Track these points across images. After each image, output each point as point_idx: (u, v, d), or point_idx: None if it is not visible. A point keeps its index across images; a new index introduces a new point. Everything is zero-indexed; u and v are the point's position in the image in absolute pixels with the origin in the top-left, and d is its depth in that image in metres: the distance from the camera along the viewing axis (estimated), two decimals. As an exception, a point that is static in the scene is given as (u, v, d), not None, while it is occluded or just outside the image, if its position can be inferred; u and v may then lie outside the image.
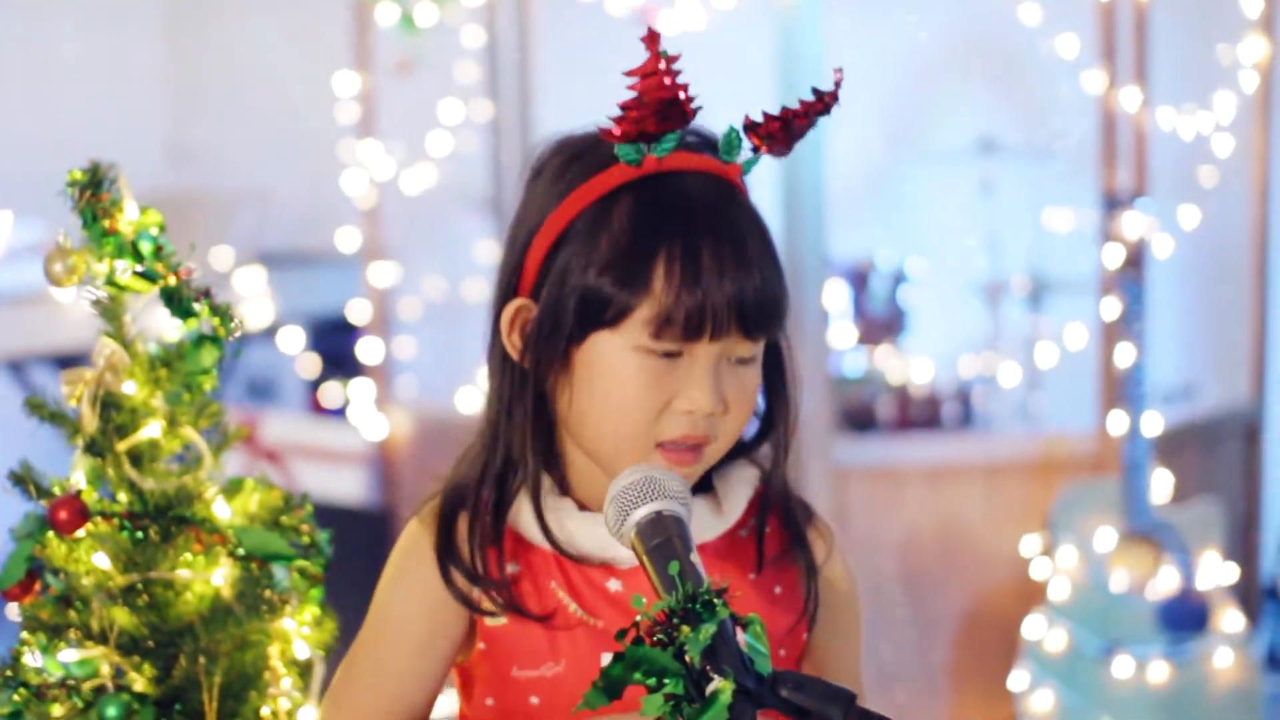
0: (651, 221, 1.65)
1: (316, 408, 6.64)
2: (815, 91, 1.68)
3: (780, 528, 1.80)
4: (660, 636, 1.41)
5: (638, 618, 1.42)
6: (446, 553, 1.74)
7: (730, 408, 1.69)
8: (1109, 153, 4.87)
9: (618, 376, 1.67)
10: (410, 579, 1.77)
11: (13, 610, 1.98)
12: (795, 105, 1.68)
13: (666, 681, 1.39)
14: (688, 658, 1.39)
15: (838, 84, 1.68)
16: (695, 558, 1.52)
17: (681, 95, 1.64)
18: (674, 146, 1.67)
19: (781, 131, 1.68)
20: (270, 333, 6.38)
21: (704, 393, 1.66)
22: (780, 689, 1.42)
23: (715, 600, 1.42)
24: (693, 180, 1.68)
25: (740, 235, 1.66)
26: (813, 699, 1.42)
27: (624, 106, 1.64)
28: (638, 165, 1.67)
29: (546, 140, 1.78)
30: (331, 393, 6.48)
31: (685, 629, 1.40)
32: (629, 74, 1.62)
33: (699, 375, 1.66)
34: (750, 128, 1.69)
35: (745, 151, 1.71)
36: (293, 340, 6.34)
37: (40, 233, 5.97)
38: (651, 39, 1.60)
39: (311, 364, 6.69)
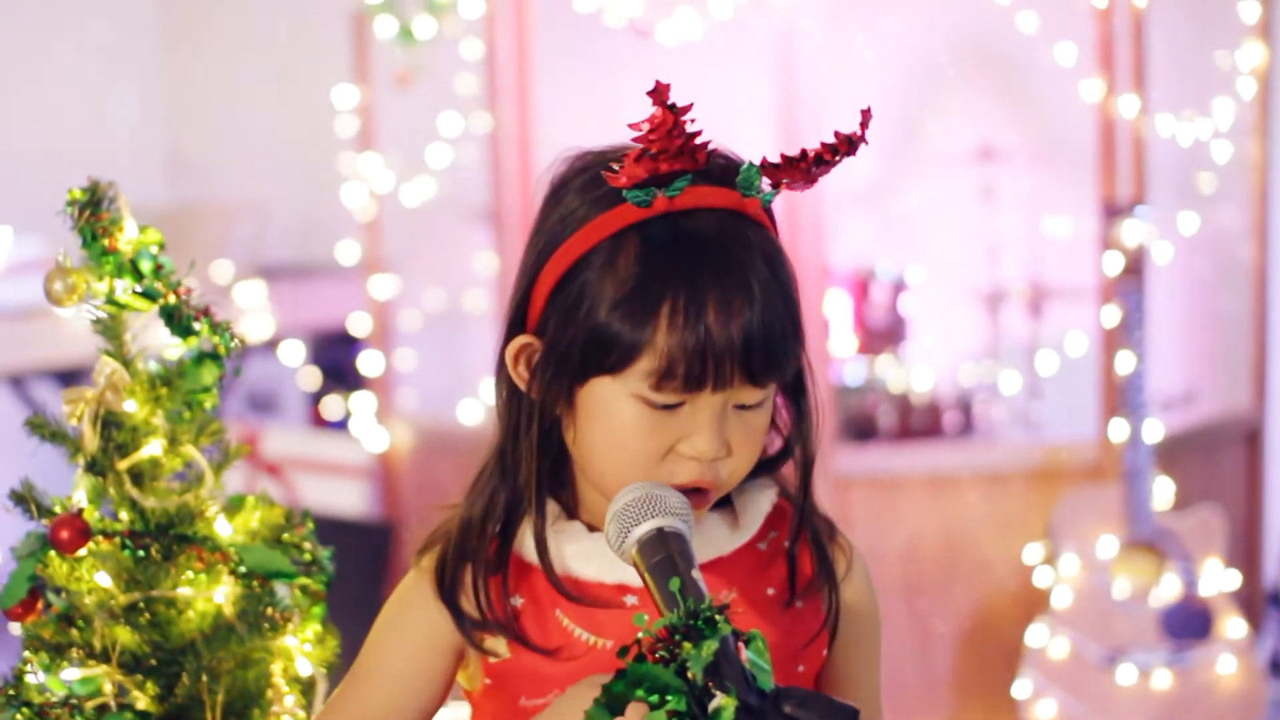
0: (657, 268, 1.61)
1: (317, 420, 6.64)
2: (838, 135, 1.63)
3: (806, 547, 1.78)
4: (662, 653, 1.41)
5: (639, 634, 1.42)
6: (454, 597, 1.73)
7: (735, 450, 1.67)
8: (1108, 160, 4.87)
9: (618, 424, 1.64)
10: (405, 626, 1.76)
11: (16, 629, 1.98)
12: (816, 145, 1.63)
13: (669, 699, 1.39)
14: (690, 674, 1.39)
15: (864, 125, 1.63)
16: (697, 574, 1.51)
17: (692, 145, 1.60)
18: (687, 185, 1.63)
19: (801, 172, 1.64)
20: (271, 346, 6.38)
21: (708, 440, 1.63)
22: (783, 705, 1.42)
23: (717, 617, 1.42)
24: (704, 219, 1.63)
25: (747, 279, 1.61)
26: (816, 715, 1.42)
27: (628, 158, 1.60)
28: (648, 207, 1.63)
29: (565, 155, 1.74)
30: (332, 405, 6.48)
31: (687, 646, 1.40)
32: (633, 127, 1.59)
33: (702, 423, 1.63)
34: (768, 168, 1.65)
35: (764, 185, 1.67)
36: (293, 353, 6.34)
37: (40, 248, 5.97)
38: (659, 93, 1.56)
39: (312, 377, 6.69)
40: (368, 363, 5.69)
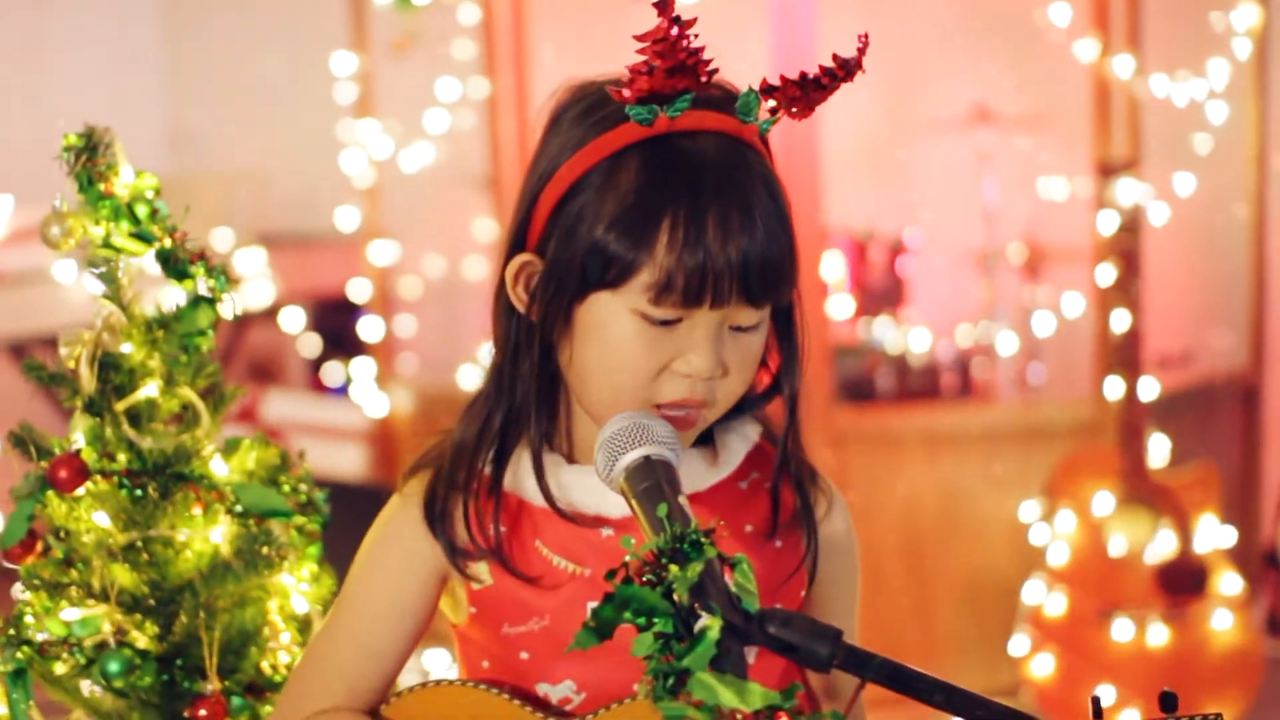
0: (659, 185, 1.63)
1: (318, 386, 6.67)
2: (836, 58, 1.65)
3: (789, 488, 1.81)
4: (649, 577, 1.43)
5: (626, 558, 1.44)
6: (439, 523, 1.75)
7: (730, 372, 1.68)
8: (1103, 120, 4.88)
9: (615, 338, 1.66)
10: (389, 553, 1.79)
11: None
12: (816, 70, 1.65)
13: (656, 621, 1.41)
14: (676, 596, 1.41)
15: (861, 51, 1.65)
16: (683, 500, 1.53)
17: (695, 60, 1.61)
18: (688, 106, 1.64)
19: (801, 96, 1.65)
20: (271, 313, 6.40)
21: (704, 357, 1.65)
22: (768, 626, 1.44)
23: (703, 540, 1.44)
24: (705, 141, 1.65)
25: (748, 200, 1.64)
26: (800, 635, 1.44)
27: (634, 70, 1.62)
28: (650, 125, 1.65)
29: (565, 85, 1.76)
30: (333, 371, 6.51)
31: (673, 568, 1.42)
32: (639, 39, 1.60)
33: (699, 340, 1.65)
34: (767, 90, 1.66)
35: (763, 111, 1.68)
36: (294, 320, 6.37)
37: (41, 217, 5.98)
38: (664, 6, 1.57)
39: (313, 343, 6.71)
40: (368, 329, 5.71)
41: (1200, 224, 5.42)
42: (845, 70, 1.65)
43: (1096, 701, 1.51)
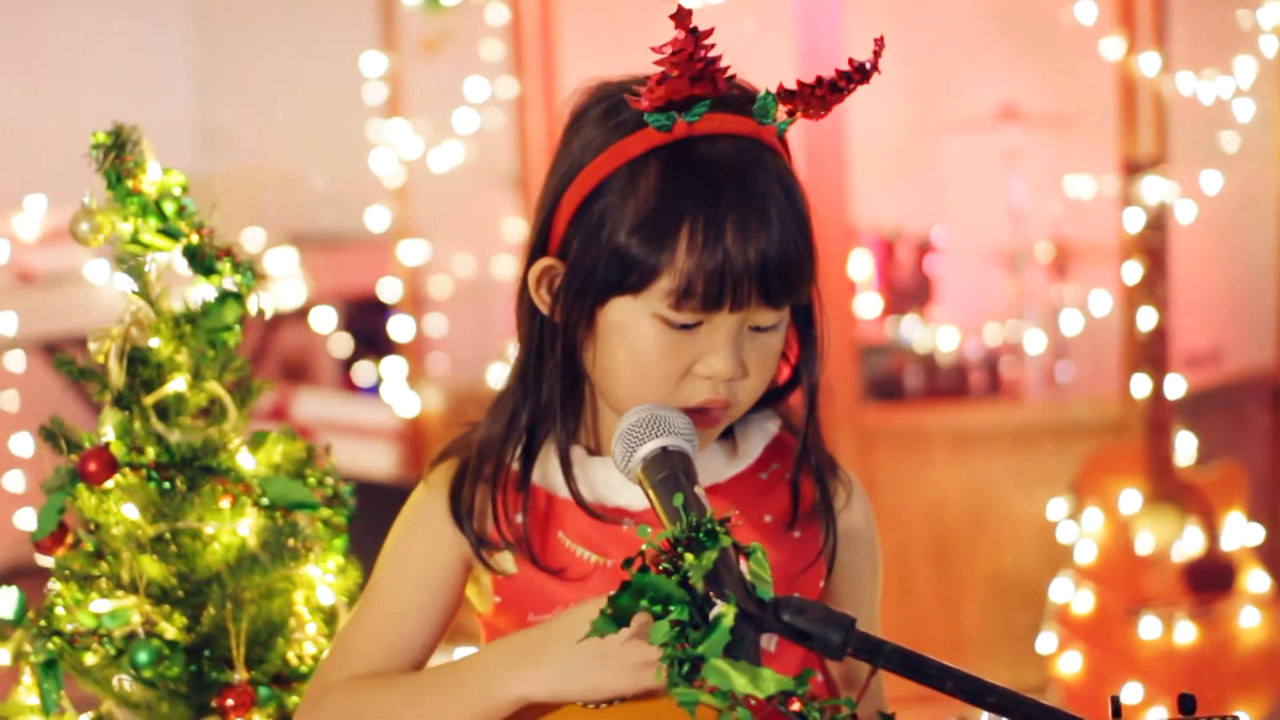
0: (678, 191, 1.65)
1: (349, 386, 6.69)
2: (852, 62, 1.66)
3: (808, 479, 1.83)
4: (665, 565, 1.45)
5: (643, 546, 1.46)
6: (464, 513, 1.79)
7: (750, 372, 1.71)
8: (1129, 118, 4.88)
9: (637, 343, 1.69)
10: (415, 543, 1.82)
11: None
12: (831, 74, 1.67)
13: (672, 608, 1.43)
14: (691, 584, 1.43)
15: (877, 54, 1.67)
16: (699, 490, 1.56)
17: (712, 69, 1.63)
18: (706, 110, 1.66)
19: (816, 100, 1.68)
20: (303, 313, 6.43)
21: (724, 360, 1.67)
22: (782, 613, 1.46)
23: (718, 529, 1.46)
24: (723, 145, 1.67)
25: (765, 203, 1.65)
26: (813, 623, 1.46)
27: (651, 80, 1.64)
28: (668, 131, 1.67)
29: (584, 85, 1.78)
30: (364, 371, 6.53)
31: (689, 556, 1.44)
32: (656, 50, 1.62)
33: (719, 343, 1.67)
34: (784, 96, 1.68)
35: (780, 113, 1.70)
36: (325, 320, 6.39)
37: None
38: (681, 18, 1.59)
39: (344, 343, 6.74)
40: (399, 328, 5.73)
41: (1227, 222, 5.41)
42: (861, 74, 1.67)
43: (1116, 701, 1.52)
